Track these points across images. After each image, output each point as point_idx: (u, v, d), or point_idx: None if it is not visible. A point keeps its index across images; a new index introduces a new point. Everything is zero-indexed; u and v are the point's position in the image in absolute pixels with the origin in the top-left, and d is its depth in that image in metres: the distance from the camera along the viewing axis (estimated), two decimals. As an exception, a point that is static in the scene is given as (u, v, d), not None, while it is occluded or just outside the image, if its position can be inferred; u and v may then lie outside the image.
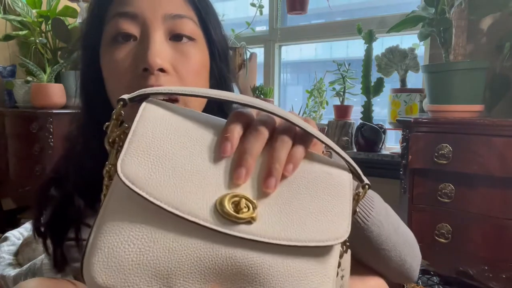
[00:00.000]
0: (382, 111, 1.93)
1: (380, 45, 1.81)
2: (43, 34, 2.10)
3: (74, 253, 0.58)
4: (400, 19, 1.39)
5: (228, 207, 0.32)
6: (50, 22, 2.03)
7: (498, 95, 1.31)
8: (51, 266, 0.60)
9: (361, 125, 1.71)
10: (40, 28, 2.08)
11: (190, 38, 0.54)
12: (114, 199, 0.33)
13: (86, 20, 0.59)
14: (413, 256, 0.56)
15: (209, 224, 0.31)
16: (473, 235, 1.12)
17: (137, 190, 0.32)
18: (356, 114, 1.84)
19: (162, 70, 0.51)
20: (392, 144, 1.83)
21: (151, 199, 0.32)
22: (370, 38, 1.72)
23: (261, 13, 2.10)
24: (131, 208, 0.33)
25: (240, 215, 0.32)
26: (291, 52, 2.33)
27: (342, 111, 1.81)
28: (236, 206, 0.32)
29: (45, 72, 2.01)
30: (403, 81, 1.67)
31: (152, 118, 0.35)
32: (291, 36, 2.12)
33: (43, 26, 2.09)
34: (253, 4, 2.07)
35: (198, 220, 0.31)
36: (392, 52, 1.64)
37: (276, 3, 2.12)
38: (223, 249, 0.32)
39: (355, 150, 1.73)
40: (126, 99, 0.36)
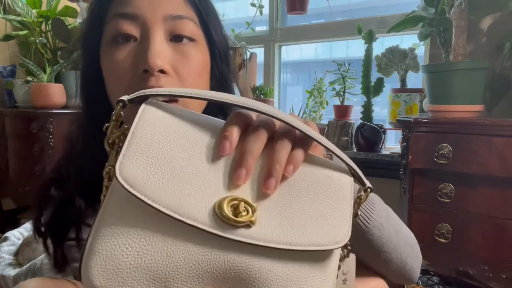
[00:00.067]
0: (382, 111, 1.93)
1: (380, 45, 1.81)
2: (43, 34, 2.10)
3: (74, 253, 0.58)
4: (400, 19, 1.39)
5: (226, 210, 0.32)
6: (50, 22, 2.03)
7: (498, 95, 1.31)
8: (51, 266, 0.60)
9: (361, 125, 1.71)
10: (40, 28, 2.08)
11: (190, 39, 0.54)
12: (112, 201, 0.33)
13: (86, 20, 0.58)
14: (414, 258, 0.56)
15: (207, 228, 0.31)
16: (473, 235, 1.12)
17: (135, 193, 0.31)
18: (356, 114, 1.84)
19: (162, 71, 0.51)
20: (392, 144, 1.83)
21: (149, 202, 0.31)
22: (370, 38, 1.72)
23: (261, 13, 2.10)
24: (129, 211, 0.32)
25: (239, 219, 0.31)
26: (291, 52, 2.33)
27: (342, 111, 1.81)
28: (235, 209, 0.32)
29: (45, 72, 2.01)
30: (403, 81, 1.67)
31: (151, 120, 0.35)
32: (291, 36, 2.12)
33: (43, 26, 2.09)
34: (253, 4, 2.07)
35: (196, 224, 0.31)
36: (392, 52, 1.64)
37: (276, 3, 2.12)
38: (221, 253, 0.32)
39: (355, 150, 1.73)
40: (126, 100, 0.36)
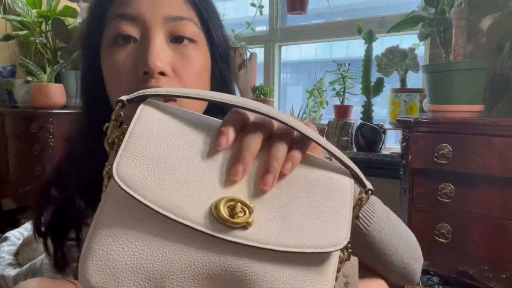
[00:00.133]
0: (382, 111, 1.93)
1: (380, 45, 1.81)
2: (43, 34, 2.10)
3: (75, 253, 0.58)
4: (400, 19, 1.39)
5: (223, 211, 0.31)
6: (50, 22, 2.03)
7: (498, 95, 1.31)
8: (51, 266, 0.60)
9: (361, 125, 1.71)
10: (40, 28, 2.08)
11: (191, 40, 0.54)
12: (110, 201, 0.33)
13: (86, 20, 0.58)
14: (415, 259, 0.55)
15: (203, 229, 0.31)
16: (473, 235, 1.12)
17: (132, 193, 0.31)
18: (356, 114, 1.84)
19: (162, 73, 0.51)
20: (392, 144, 1.83)
21: (146, 202, 0.31)
22: (370, 38, 1.72)
23: (261, 13, 2.10)
24: (126, 211, 0.32)
25: (235, 220, 0.31)
26: (291, 52, 2.33)
27: (342, 111, 1.81)
28: (231, 210, 0.32)
29: (45, 72, 2.01)
30: (403, 81, 1.67)
31: (149, 119, 0.35)
32: (291, 36, 2.12)
33: (43, 26, 2.09)
34: (253, 4, 2.07)
35: (192, 224, 0.31)
36: (392, 52, 1.64)
37: (276, 3, 2.12)
38: (217, 254, 0.31)
39: (355, 150, 1.73)
40: (125, 100, 0.36)
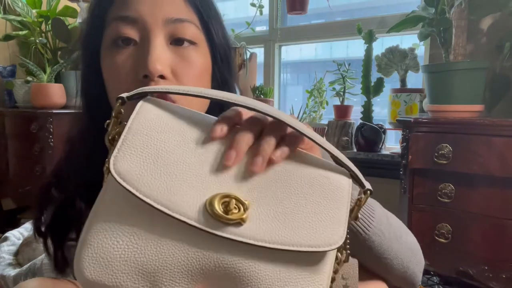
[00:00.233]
0: (382, 111, 1.93)
1: (380, 45, 1.81)
2: (43, 34, 2.10)
3: (74, 253, 0.58)
4: (400, 19, 1.39)
5: (217, 207, 0.31)
6: (50, 22, 2.03)
7: (498, 95, 1.31)
8: (51, 267, 0.60)
9: (361, 125, 1.71)
10: (40, 28, 2.08)
11: (191, 42, 0.53)
12: (106, 195, 0.34)
13: (87, 21, 0.58)
14: (415, 263, 0.55)
15: (197, 224, 0.31)
16: (473, 235, 1.12)
17: (128, 187, 0.32)
18: (356, 114, 1.84)
19: (162, 76, 0.50)
20: (392, 144, 1.83)
21: (141, 197, 0.32)
22: (370, 38, 1.72)
23: (261, 13, 2.10)
24: (122, 205, 0.33)
25: (229, 216, 0.31)
26: (291, 52, 2.33)
27: (342, 111, 1.81)
28: (226, 206, 0.32)
29: (45, 72, 2.01)
30: (403, 81, 1.67)
31: (147, 116, 0.36)
32: (291, 36, 2.12)
33: (43, 26, 2.09)
34: (253, 4, 2.07)
35: (187, 220, 0.31)
36: (392, 52, 1.64)
37: (276, 3, 2.12)
38: (211, 250, 0.32)
39: (355, 150, 1.73)
40: (125, 97, 0.37)
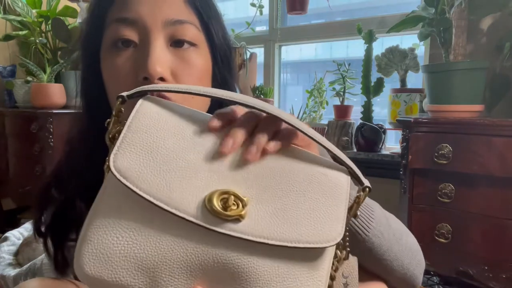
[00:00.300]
0: (382, 111, 1.93)
1: (380, 45, 1.81)
2: (43, 34, 2.10)
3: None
4: (400, 19, 1.39)
5: (216, 204, 0.32)
6: (50, 22, 2.03)
7: (498, 95, 1.31)
8: (51, 267, 0.60)
9: (361, 125, 1.71)
10: (40, 28, 2.08)
11: (191, 44, 0.53)
12: (107, 192, 0.34)
13: (87, 21, 0.58)
14: (415, 265, 0.54)
15: (196, 220, 0.31)
16: (473, 235, 1.12)
17: (127, 183, 0.32)
18: (356, 114, 1.84)
19: (162, 78, 0.50)
20: (392, 144, 1.83)
21: (141, 193, 0.32)
22: (370, 38, 1.72)
23: (261, 13, 2.10)
24: (122, 201, 0.33)
25: (228, 213, 0.32)
26: (291, 52, 2.33)
27: (342, 111, 1.81)
28: (224, 203, 0.32)
29: (45, 72, 2.01)
30: (403, 81, 1.67)
31: (147, 114, 0.36)
32: (291, 36, 2.12)
33: (43, 26, 2.09)
34: (253, 4, 2.07)
35: (186, 216, 0.32)
36: (392, 52, 1.64)
37: (276, 3, 2.12)
38: (209, 246, 0.32)
39: (355, 150, 1.73)
40: (125, 96, 0.37)
